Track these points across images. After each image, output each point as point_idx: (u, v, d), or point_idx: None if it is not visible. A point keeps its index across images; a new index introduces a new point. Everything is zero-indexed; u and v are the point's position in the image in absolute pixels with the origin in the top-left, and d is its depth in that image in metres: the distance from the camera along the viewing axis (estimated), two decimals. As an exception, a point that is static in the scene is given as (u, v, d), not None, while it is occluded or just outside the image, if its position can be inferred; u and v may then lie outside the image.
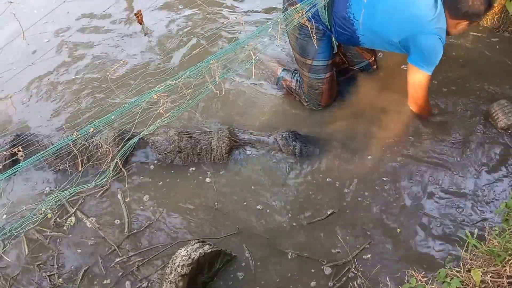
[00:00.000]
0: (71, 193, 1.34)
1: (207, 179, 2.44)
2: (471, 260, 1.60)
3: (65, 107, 2.86)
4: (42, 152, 1.32)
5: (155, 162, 2.53)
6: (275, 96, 2.86)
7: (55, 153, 1.24)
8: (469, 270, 1.53)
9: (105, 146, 1.61)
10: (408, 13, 2.20)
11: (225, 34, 3.20)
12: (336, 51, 2.55)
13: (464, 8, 2.15)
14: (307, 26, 1.79)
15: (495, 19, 3.10)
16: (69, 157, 1.66)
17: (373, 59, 2.86)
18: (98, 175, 1.46)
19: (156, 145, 2.56)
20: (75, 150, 1.21)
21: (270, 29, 1.56)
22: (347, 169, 2.42)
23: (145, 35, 3.13)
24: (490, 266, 1.52)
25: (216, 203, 2.31)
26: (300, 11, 1.59)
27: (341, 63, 2.81)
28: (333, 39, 2.47)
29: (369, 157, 2.46)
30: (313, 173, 2.43)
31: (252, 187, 2.39)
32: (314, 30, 2.25)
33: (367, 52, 2.80)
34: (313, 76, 2.59)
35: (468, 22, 2.23)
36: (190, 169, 2.50)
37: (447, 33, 2.27)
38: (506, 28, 3.07)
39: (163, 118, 1.46)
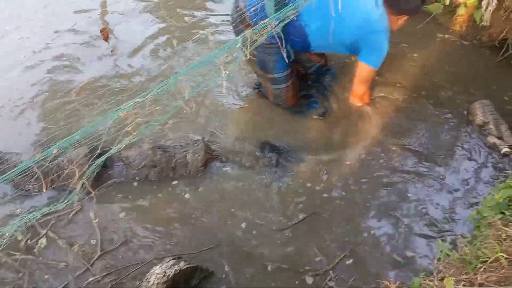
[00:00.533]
0: (36, 216, 1.30)
1: (186, 195, 2.41)
2: (444, 268, 1.61)
3: (34, 124, 2.79)
4: (5, 175, 1.28)
5: (135, 178, 2.49)
6: (249, 106, 2.86)
7: (21, 174, 1.20)
8: (442, 279, 1.55)
9: (70, 167, 1.57)
10: (358, 15, 2.34)
11: (196, 48, 3.24)
12: (293, 58, 2.61)
13: (403, 4, 2.36)
14: (264, 42, 1.84)
15: (464, 28, 3.18)
16: (33, 178, 1.60)
17: (323, 61, 2.99)
18: (66, 196, 1.42)
19: (129, 160, 2.52)
20: (38, 172, 1.18)
21: (238, 44, 1.56)
22: (324, 175, 2.43)
23: (111, 51, 3.09)
24: (462, 274, 1.53)
25: (193, 217, 2.28)
26: (264, 29, 1.59)
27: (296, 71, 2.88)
28: (289, 48, 2.52)
29: (347, 163, 2.48)
30: (290, 182, 2.42)
31: (230, 199, 2.36)
32: (273, 46, 2.33)
33: (316, 56, 2.93)
34: (276, 87, 2.68)
35: (408, 17, 2.43)
36: (173, 183, 2.46)
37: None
38: (474, 36, 3.15)
39: (130, 137, 1.43)
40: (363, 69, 2.51)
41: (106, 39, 2.75)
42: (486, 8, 2.79)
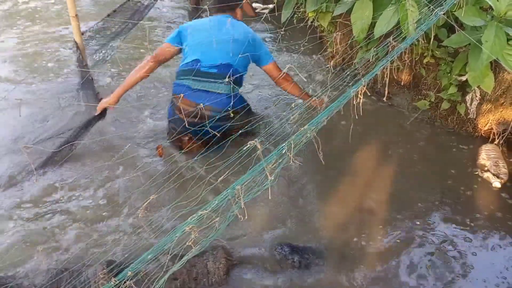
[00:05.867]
0: None
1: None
2: None
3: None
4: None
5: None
6: (264, 206, 2.85)
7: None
8: None
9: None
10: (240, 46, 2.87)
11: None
12: None
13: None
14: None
15: (449, 120, 3.44)
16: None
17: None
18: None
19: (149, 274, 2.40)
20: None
21: (284, 150, 1.62)
22: (349, 276, 2.39)
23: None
24: None
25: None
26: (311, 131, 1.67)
27: None
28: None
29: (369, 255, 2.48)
30: (315, 285, 2.36)
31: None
32: None
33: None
34: None
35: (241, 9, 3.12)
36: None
37: None
38: (460, 128, 3.40)
39: (193, 250, 1.40)
40: (273, 67, 3.04)
41: (161, 155, 2.80)
42: (471, 102, 3.06)
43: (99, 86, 3.84)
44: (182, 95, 2.76)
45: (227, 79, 2.67)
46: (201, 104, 2.53)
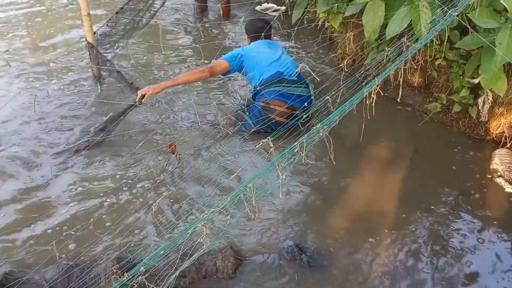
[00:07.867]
0: None
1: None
2: None
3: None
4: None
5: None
6: (273, 206, 2.85)
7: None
8: None
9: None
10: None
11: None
12: None
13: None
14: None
15: (461, 123, 3.41)
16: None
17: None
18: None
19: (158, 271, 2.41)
20: None
21: (297, 149, 1.62)
22: (356, 277, 2.38)
23: (178, 163, 3.05)
24: None
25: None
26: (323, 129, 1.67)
27: None
28: None
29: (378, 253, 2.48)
30: (323, 285, 2.35)
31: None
32: None
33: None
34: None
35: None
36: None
37: None
38: (472, 131, 3.37)
39: (204, 246, 1.41)
40: None
41: (173, 152, 2.91)
42: (483, 105, 3.04)
43: (111, 83, 3.88)
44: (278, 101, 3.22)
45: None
46: (298, 107, 3.17)
